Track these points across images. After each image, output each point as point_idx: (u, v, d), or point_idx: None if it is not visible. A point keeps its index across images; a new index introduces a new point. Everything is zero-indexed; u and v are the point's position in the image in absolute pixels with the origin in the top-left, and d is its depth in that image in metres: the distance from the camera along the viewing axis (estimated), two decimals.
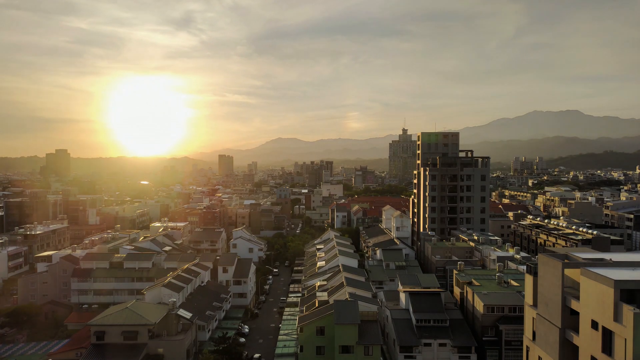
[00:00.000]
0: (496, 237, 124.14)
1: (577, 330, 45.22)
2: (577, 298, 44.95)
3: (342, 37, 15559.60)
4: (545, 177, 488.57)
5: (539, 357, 51.39)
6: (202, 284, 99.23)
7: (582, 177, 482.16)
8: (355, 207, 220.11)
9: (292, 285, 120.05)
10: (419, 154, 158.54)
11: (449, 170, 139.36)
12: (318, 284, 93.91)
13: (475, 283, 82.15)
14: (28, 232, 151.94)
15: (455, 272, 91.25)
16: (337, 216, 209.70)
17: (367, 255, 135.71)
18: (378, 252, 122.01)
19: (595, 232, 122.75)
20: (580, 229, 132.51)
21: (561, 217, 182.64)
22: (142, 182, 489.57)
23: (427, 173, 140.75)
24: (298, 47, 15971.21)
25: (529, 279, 54.65)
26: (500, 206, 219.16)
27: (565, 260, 48.46)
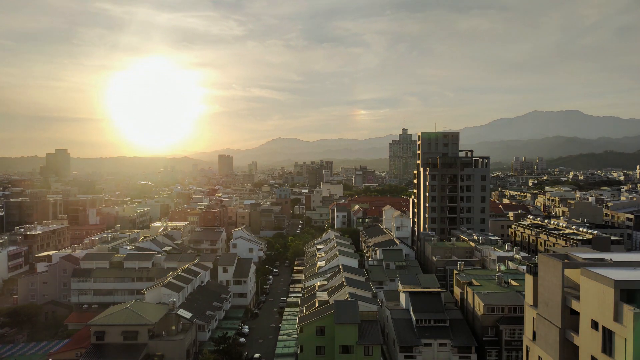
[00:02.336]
0: (496, 237, 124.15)
1: (577, 330, 45.21)
2: (577, 298, 44.94)
3: (407, 14, 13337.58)
4: (545, 177, 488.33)
5: (539, 357, 51.37)
6: (202, 284, 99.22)
7: (582, 177, 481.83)
8: (355, 207, 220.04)
9: (292, 285, 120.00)
10: (419, 154, 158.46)
11: (449, 170, 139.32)
12: (318, 284, 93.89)
13: (475, 283, 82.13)
14: (28, 232, 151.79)
15: (455, 272, 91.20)
16: (337, 216, 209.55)
17: (367, 255, 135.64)
18: (378, 252, 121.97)
19: (595, 232, 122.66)
20: (580, 229, 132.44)
21: (561, 217, 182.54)
22: (142, 182, 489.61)
23: (427, 173, 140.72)
24: (354, 29, 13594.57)
25: (529, 279, 54.64)
26: (500, 206, 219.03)
27: (565, 260, 48.45)
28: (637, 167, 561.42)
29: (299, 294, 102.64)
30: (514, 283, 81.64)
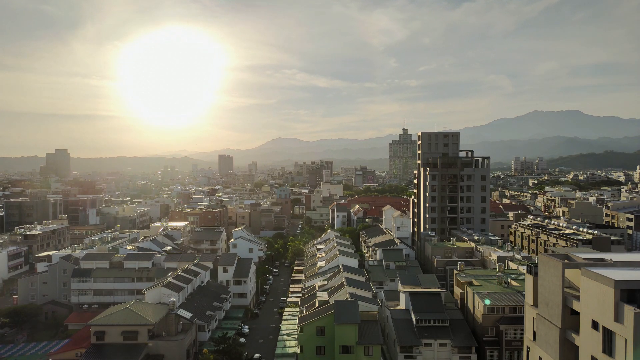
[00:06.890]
0: (496, 237, 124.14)
1: (577, 331, 45.14)
2: (578, 298, 44.88)
3: None
4: (545, 177, 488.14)
5: (539, 357, 51.31)
6: (202, 284, 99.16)
7: (582, 177, 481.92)
8: (356, 207, 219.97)
9: (292, 285, 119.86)
10: (419, 154, 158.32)
11: (449, 170, 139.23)
12: (318, 284, 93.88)
13: (476, 283, 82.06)
14: (28, 232, 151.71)
15: (455, 272, 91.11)
16: (337, 216, 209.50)
17: (367, 255, 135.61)
18: (378, 252, 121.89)
19: (595, 232, 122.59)
20: (581, 229, 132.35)
21: (561, 217, 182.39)
22: (142, 182, 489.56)
23: (427, 173, 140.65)
24: None
25: (529, 279, 54.56)
26: (500, 206, 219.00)
27: (566, 260, 48.38)
28: (638, 167, 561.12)
29: (299, 294, 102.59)
30: (514, 283, 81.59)
